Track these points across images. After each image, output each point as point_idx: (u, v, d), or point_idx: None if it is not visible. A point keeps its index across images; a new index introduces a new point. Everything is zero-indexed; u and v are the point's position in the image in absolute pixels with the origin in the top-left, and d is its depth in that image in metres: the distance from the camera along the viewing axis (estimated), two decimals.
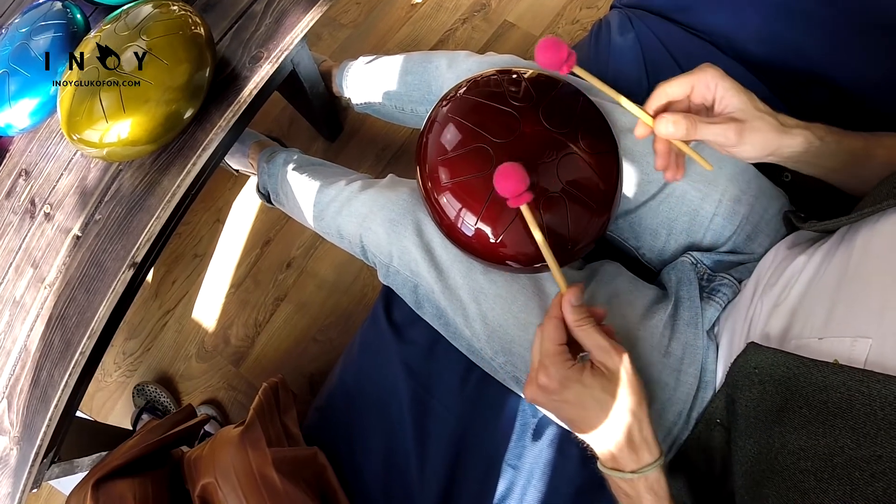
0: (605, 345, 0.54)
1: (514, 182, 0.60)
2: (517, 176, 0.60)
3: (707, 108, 0.58)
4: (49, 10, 0.83)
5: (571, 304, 0.56)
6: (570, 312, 0.56)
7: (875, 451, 0.40)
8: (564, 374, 0.54)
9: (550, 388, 0.54)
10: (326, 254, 1.49)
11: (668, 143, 0.60)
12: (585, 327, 0.55)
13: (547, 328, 0.56)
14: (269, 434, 0.81)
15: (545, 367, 0.55)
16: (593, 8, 1.65)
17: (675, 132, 0.55)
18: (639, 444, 0.53)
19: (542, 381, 0.55)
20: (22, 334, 0.79)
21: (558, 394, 0.54)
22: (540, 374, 0.55)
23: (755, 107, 0.55)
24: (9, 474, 0.76)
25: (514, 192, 0.61)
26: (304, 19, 0.81)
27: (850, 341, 0.46)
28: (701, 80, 0.56)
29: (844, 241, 0.56)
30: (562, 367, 0.54)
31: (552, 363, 0.54)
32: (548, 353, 0.55)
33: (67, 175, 0.84)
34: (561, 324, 0.56)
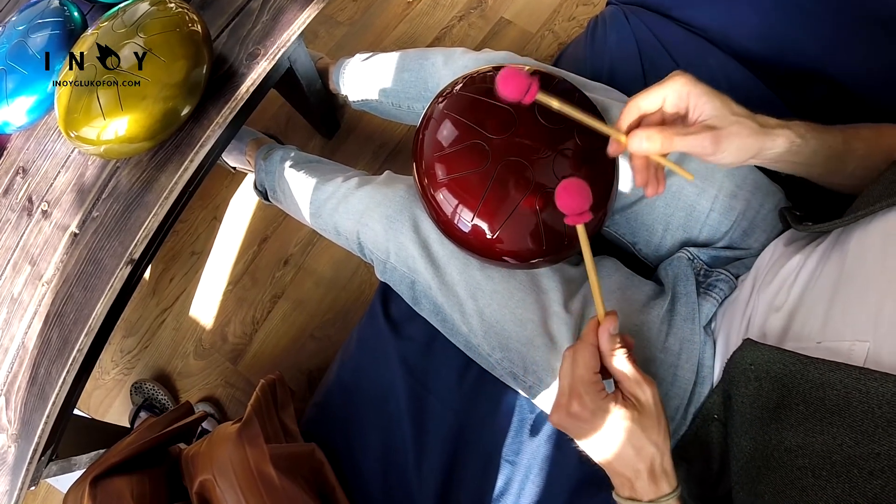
0: (638, 377, 0.53)
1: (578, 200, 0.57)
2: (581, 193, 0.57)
3: (682, 116, 0.56)
4: (46, 8, 0.83)
5: (609, 333, 0.55)
6: (606, 341, 0.55)
7: (873, 449, 0.40)
8: (598, 404, 0.53)
9: (582, 417, 0.53)
10: (324, 251, 1.49)
11: (646, 159, 0.58)
12: (619, 357, 0.54)
13: (582, 354, 0.55)
14: (267, 431, 0.81)
15: (579, 395, 0.53)
16: (589, 4, 1.65)
17: (649, 147, 0.53)
18: (658, 475, 0.53)
19: (574, 409, 0.54)
20: (20, 331, 0.79)
21: (589, 422, 0.53)
22: (573, 402, 0.54)
23: (731, 111, 0.54)
24: (6, 472, 0.76)
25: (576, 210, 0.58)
26: (300, 16, 0.81)
27: (847, 345, 0.47)
28: (672, 89, 0.54)
29: (839, 242, 0.56)
30: (596, 396, 0.53)
31: (587, 392, 0.53)
32: (582, 381, 0.54)
33: (65, 172, 0.84)
34: (597, 351, 0.55)
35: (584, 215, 0.57)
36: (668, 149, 0.53)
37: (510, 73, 0.55)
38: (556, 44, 1.61)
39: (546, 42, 1.62)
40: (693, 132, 0.52)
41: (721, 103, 0.53)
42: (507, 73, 0.55)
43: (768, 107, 0.86)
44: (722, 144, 0.52)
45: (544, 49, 1.61)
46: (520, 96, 0.56)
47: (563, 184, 0.58)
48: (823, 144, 0.58)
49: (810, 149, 0.57)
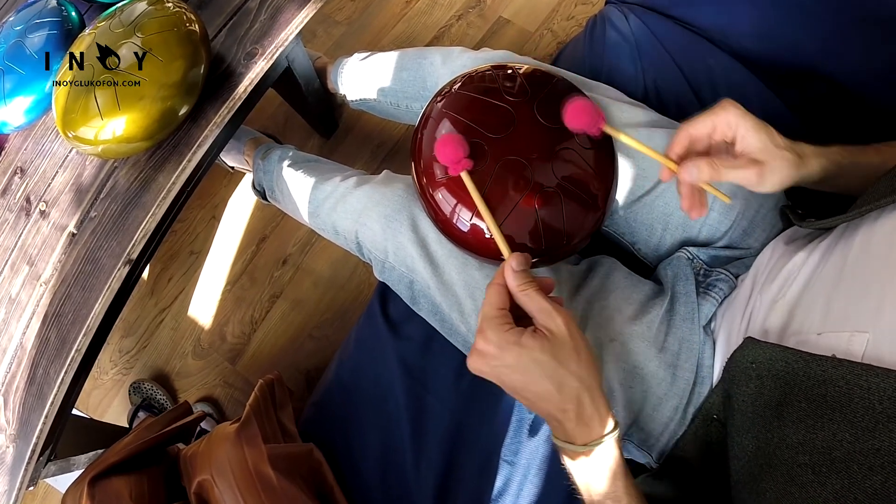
0: (548, 307, 0.52)
1: (452, 149, 0.62)
2: (455, 143, 0.62)
3: (728, 144, 0.60)
4: (44, 8, 0.83)
5: (513, 269, 0.54)
6: (512, 277, 0.54)
7: (873, 445, 0.40)
8: (502, 336, 0.51)
9: (489, 353, 0.52)
10: (322, 250, 1.49)
11: (692, 186, 0.61)
12: (528, 291, 0.53)
13: (488, 294, 0.55)
14: (266, 430, 0.81)
15: (483, 331, 0.53)
16: (588, 3, 1.65)
17: (699, 177, 0.57)
18: (590, 415, 0.52)
19: (480, 345, 0.53)
20: (18, 332, 0.79)
21: (498, 358, 0.52)
22: (478, 340, 0.53)
23: (775, 144, 0.57)
24: (5, 472, 0.76)
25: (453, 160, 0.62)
26: (298, 16, 0.81)
27: (847, 336, 0.47)
28: (722, 119, 0.58)
29: (843, 237, 0.56)
30: (499, 329, 0.52)
31: (489, 326, 0.52)
32: (486, 318, 0.53)
33: (63, 172, 0.84)
34: (503, 289, 0.54)
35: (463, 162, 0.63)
36: (717, 179, 0.57)
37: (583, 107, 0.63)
38: (554, 43, 1.61)
39: (545, 41, 1.62)
40: (740, 165, 0.57)
41: (767, 136, 0.57)
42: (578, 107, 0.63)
43: (767, 106, 0.87)
44: (766, 178, 0.56)
45: (543, 48, 1.61)
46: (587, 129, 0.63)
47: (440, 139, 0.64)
48: (859, 166, 0.60)
49: (846, 173, 0.60)
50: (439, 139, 0.63)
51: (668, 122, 0.80)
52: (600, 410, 0.52)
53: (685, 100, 0.90)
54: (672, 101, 0.90)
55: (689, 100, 0.89)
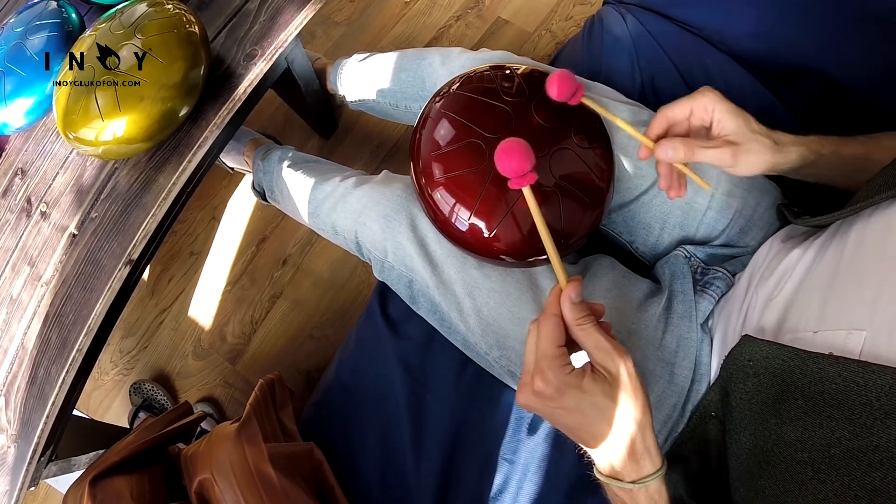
0: (608, 346, 0.49)
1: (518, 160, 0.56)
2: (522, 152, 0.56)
3: (706, 128, 0.61)
4: (44, 10, 0.83)
5: (572, 301, 0.51)
6: (569, 310, 0.51)
7: (872, 441, 0.40)
8: (563, 380, 0.49)
9: (547, 395, 0.50)
10: (322, 251, 1.49)
11: (670, 166, 0.63)
12: (586, 326, 0.50)
13: (545, 327, 0.51)
14: (266, 430, 0.81)
15: (542, 371, 0.50)
16: (587, 4, 1.65)
17: (674, 156, 0.59)
18: (640, 454, 0.50)
19: (538, 386, 0.50)
20: (19, 332, 0.79)
21: (556, 401, 0.50)
22: (536, 380, 0.50)
23: (750, 129, 0.58)
24: (6, 472, 0.76)
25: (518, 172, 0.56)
26: (297, 17, 0.81)
27: (844, 334, 0.47)
28: (700, 103, 0.60)
29: (838, 234, 0.56)
30: (560, 372, 0.49)
31: (550, 368, 0.49)
32: (545, 356, 0.50)
33: (63, 173, 0.84)
34: (560, 322, 0.51)
35: (528, 176, 0.57)
36: (691, 159, 0.59)
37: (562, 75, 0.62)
38: (553, 43, 1.61)
39: (543, 41, 1.62)
40: (714, 146, 0.58)
41: (743, 121, 0.59)
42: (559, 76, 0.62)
43: (765, 104, 0.88)
44: (740, 158, 0.58)
45: (542, 49, 1.61)
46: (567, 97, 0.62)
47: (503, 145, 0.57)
48: (841, 157, 0.61)
49: (827, 162, 0.61)
50: (504, 145, 0.57)
51: None
52: (651, 448, 0.51)
53: None
54: (668, 100, 0.88)
55: None
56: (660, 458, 0.51)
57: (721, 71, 0.89)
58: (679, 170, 0.64)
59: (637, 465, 0.50)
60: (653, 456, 0.51)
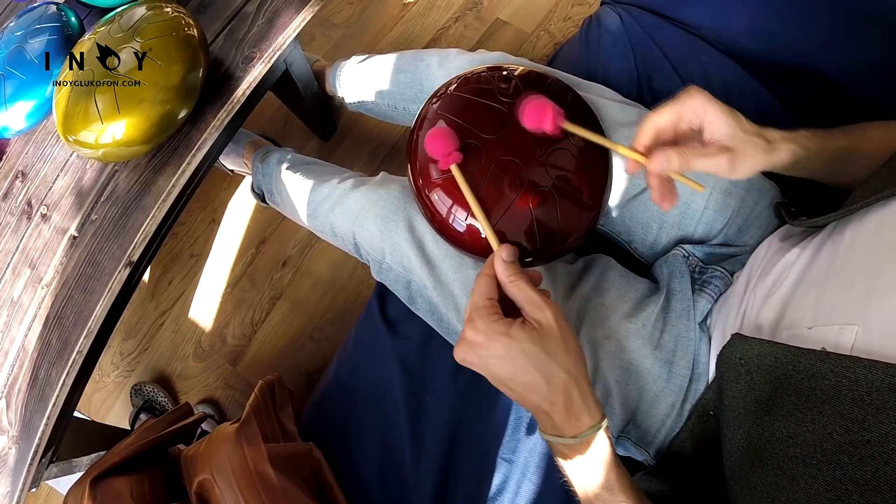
0: (537, 299, 0.52)
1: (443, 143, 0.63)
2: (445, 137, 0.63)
3: (695, 132, 0.58)
4: (44, 14, 0.84)
5: (503, 260, 0.54)
6: (501, 268, 0.54)
7: (863, 436, 0.40)
8: (490, 327, 0.51)
9: (477, 342, 0.52)
10: (322, 252, 1.49)
11: (661, 177, 0.59)
12: (517, 282, 0.53)
13: (478, 284, 0.55)
14: (265, 430, 0.81)
15: (472, 320, 0.52)
16: (585, 4, 1.65)
17: (669, 167, 0.56)
18: (578, 407, 0.51)
19: (468, 335, 0.52)
20: (20, 334, 0.80)
21: (486, 348, 0.51)
22: (467, 329, 0.52)
23: (743, 130, 0.56)
24: (7, 473, 0.76)
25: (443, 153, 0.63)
26: (296, 19, 0.81)
27: (837, 329, 0.47)
28: (689, 107, 0.57)
29: (834, 233, 0.57)
30: (488, 319, 0.52)
31: (478, 316, 0.52)
32: (475, 308, 0.53)
33: (63, 176, 0.85)
34: (492, 280, 0.55)
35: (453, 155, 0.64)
36: (687, 169, 0.55)
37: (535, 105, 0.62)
38: (551, 44, 1.62)
39: (542, 42, 1.63)
40: (710, 154, 0.55)
41: (735, 122, 0.56)
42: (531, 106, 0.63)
43: (763, 103, 0.88)
44: (736, 164, 0.55)
45: (540, 49, 1.62)
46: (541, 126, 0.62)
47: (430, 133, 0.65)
48: (828, 150, 0.59)
49: (815, 157, 0.59)
50: (429, 133, 0.64)
51: None
52: (588, 402, 0.52)
53: None
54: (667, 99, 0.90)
55: None
56: (599, 411, 0.53)
57: (719, 70, 0.89)
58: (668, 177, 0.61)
59: (576, 419, 0.52)
60: (591, 409, 0.52)
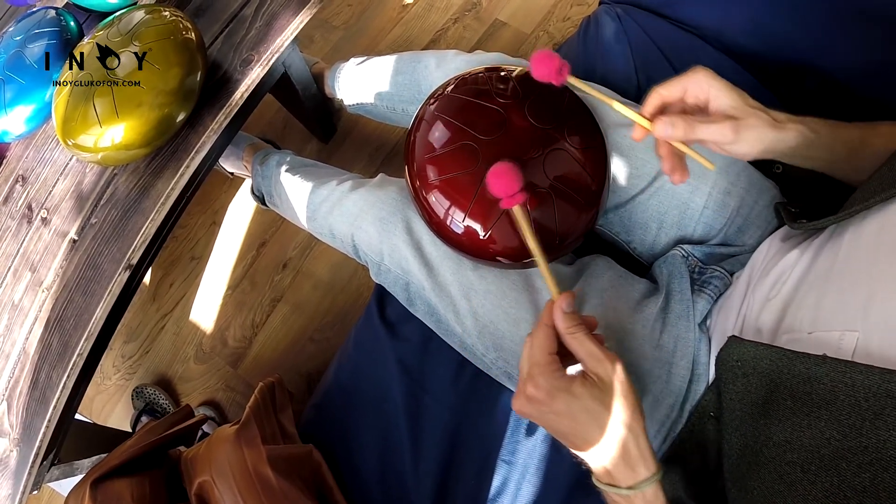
0: (598, 353, 0.51)
1: (507, 181, 0.59)
2: (510, 175, 0.59)
3: (700, 108, 0.59)
4: (43, 18, 0.84)
5: (563, 311, 0.53)
6: (561, 319, 0.53)
7: (861, 442, 0.40)
8: (553, 385, 0.51)
9: (539, 399, 0.51)
10: (322, 254, 1.50)
11: (670, 146, 0.60)
12: (577, 335, 0.52)
13: (537, 336, 0.54)
14: (265, 432, 0.82)
15: (533, 377, 0.52)
16: (583, 5, 1.65)
17: (673, 133, 0.56)
18: (635, 459, 0.51)
19: (530, 391, 0.52)
20: (21, 337, 0.80)
21: (547, 405, 0.51)
22: (528, 385, 0.52)
23: (747, 103, 0.56)
24: (9, 476, 0.76)
25: (507, 192, 0.59)
26: (293, 22, 0.81)
27: (838, 335, 0.47)
28: (693, 81, 0.57)
29: (834, 236, 0.56)
30: (551, 376, 0.51)
31: (541, 373, 0.51)
32: (537, 363, 0.52)
33: (63, 180, 0.85)
34: (552, 332, 0.53)
35: (517, 196, 0.60)
36: (691, 135, 0.56)
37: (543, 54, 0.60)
38: (550, 44, 1.62)
39: (541, 43, 1.63)
40: (714, 121, 0.55)
41: (738, 96, 0.56)
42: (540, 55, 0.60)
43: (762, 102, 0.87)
44: (741, 133, 0.55)
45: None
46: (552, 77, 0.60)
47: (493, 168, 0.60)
48: (838, 140, 0.59)
49: (824, 143, 0.59)
50: (493, 169, 0.60)
51: None
52: (645, 454, 0.51)
53: None
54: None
55: None
56: (654, 462, 0.52)
57: (718, 69, 0.87)
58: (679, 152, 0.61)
59: (632, 470, 0.51)
60: (647, 461, 0.51)
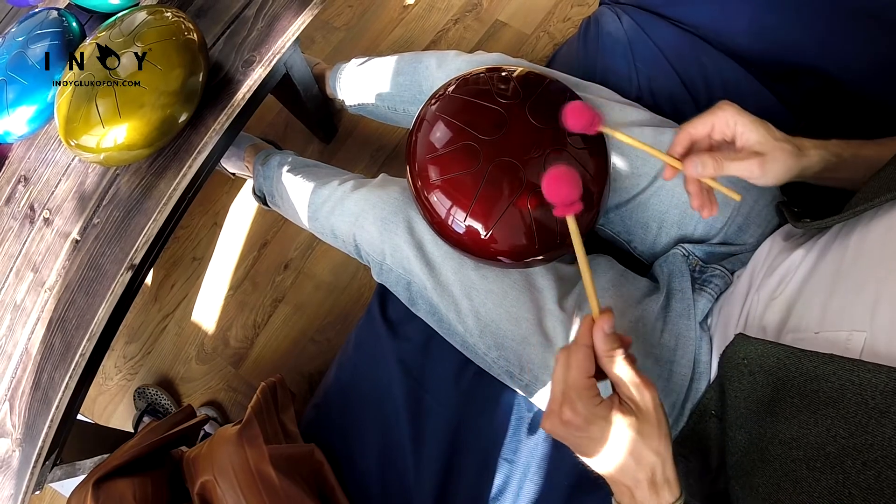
0: (637, 380, 0.50)
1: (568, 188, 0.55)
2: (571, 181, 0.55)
3: (727, 142, 0.61)
4: (45, 19, 0.84)
5: (604, 332, 0.51)
6: (602, 341, 0.51)
7: (866, 440, 0.40)
8: (591, 411, 0.49)
9: (575, 424, 0.50)
10: (323, 255, 1.50)
11: (699, 183, 0.62)
12: (616, 359, 0.50)
13: (576, 357, 0.51)
14: (267, 432, 0.82)
15: (572, 401, 0.50)
16: (584, 5, 1.65)
17: (703, 172, 0.59)
18: (660, 484, 0.50)
19: (566, 416, 0.50)
20: (23, 337, 0.80)
21: (584, 430, 0.50)
22: (565, 409, 0.50)
23: (773, 137, 0.58)
24: (11, 476, 0.77)
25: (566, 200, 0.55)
26: (295, 23, 0.82)
27: (845, 335, 0.47)
28: (720, 118, 0.59)
29: (840, 236, 0.57)
30: (590, 403, 0.49)
31: (580, 398, 0.50)
32: (576, 387, 0.50)
33: (66, 180, 0.85)
34: (591, 353, 0.51)
35: (575, 205, 0.55)
36: (720, 173, 0.59)
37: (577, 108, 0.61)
38: (551, 45, 1.62)
39: (541, 43, 1.63)
40: (741, 158, 0.58)
41: (765, 130, 0.58)
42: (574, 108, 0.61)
43: (763, 102, 0.88)
44: (767, 167, 0.57)
45: (540, 50, 1.62)
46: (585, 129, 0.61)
47: (551, 172, 0.55)
48: (860, 159, 0.61)
49: (846, 165, 0.61)
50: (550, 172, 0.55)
51: (661, 120, 0.81)
52: (670, 478, 0.50)
53: (679, 98, 0.90)
54: (666, 99, 0.91)
55: (683, 98, 0.90)
56: (678, 487, 0.51)
57: (718, 69, 0.89)
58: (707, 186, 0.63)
59: (657, 494, 0.50)
60: (672, 486, 0.51)
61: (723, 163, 0.58)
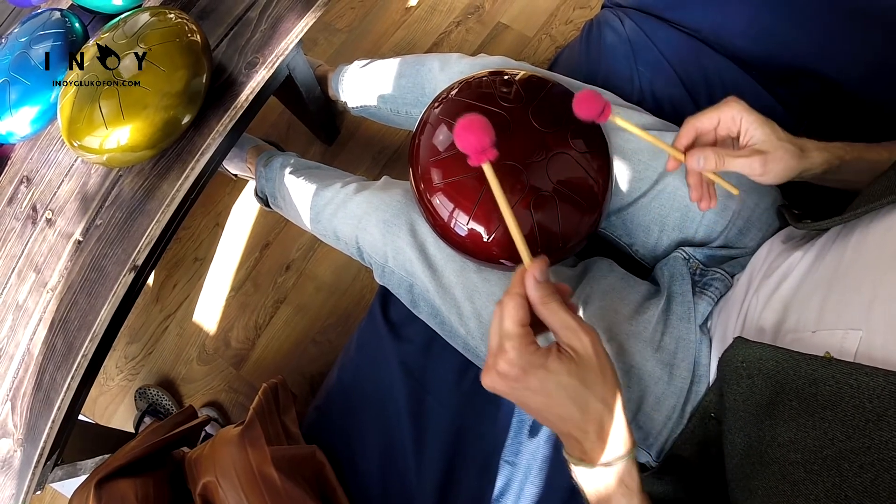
0: (574, 325, 0.48)
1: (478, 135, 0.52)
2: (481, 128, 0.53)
3: (732, 138, 0.62)
4: (48, 20, 0.84)
5: (536, 280, 0.49)
6: (534, 289, 0.49)
7: (864, 443, 0.40)
8: (528, 360, 0.47)
9: (512, 376, 0.48)
10: (325, 256, 1.50)
11: (700, 176, 0.64)
12: (551, 305, 0.48)
13: (508, 306, 0.49)
14: (269, 433, 0.82)
15: (505, 351, 0.48)
16: (586, 8, 1.66)
17: (705, 165, 0.60)
18: (610, 435, 0.49)
19: (501, 367, 0.48)
20: (25, 338, 0.80)
21: (521, 382, 0.48)
22: (500, 360, 0.48)
23: (777, 137, 0.59)
24: (12, 476, 0.77)
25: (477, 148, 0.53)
26: (298, 25, 0.82)
27: (841, 334, 0.47)
28: (727, 113, 0.60)
29: (839, 238, 0.57)
30: (524, 351, 0.47)
31: (514, 347, 0.47)
32: (509, 336, 0.48)
33: (68, 181, 0.85)
34: (524, 301, 0.49)
35: (488, 152, 0.53)
36: (722, 167, 0.59)
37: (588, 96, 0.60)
38: (553, 47, 1.62)
39: (543, 46, 1.63)
40: (744, 154, 0.59)
41: (770, 129, 0.59)
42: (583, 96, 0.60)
43: (763, 105, 0.88)
44: (769, 166, 0.58)
45: (541, 53, 1.62)
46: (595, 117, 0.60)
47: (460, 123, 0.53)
48: (863, 162, 0.62)
49: (849, 167, 0.61)
50: (461, 122, 0.53)
51: (663, 124, 0.81)
52: (620, 430, 0.49)
53: (680, 101, 0.90)
54: (667, 102, 0.91)
55: (685, 101, 0.90)
56: (630, 439, 0.50)
57: (719, 72, 0.90)
58: (708, 180, 0.65)
59: (607, 446, 0.49)
60: (623, 437, 0.49)
61: (725, 158, 0.59)
